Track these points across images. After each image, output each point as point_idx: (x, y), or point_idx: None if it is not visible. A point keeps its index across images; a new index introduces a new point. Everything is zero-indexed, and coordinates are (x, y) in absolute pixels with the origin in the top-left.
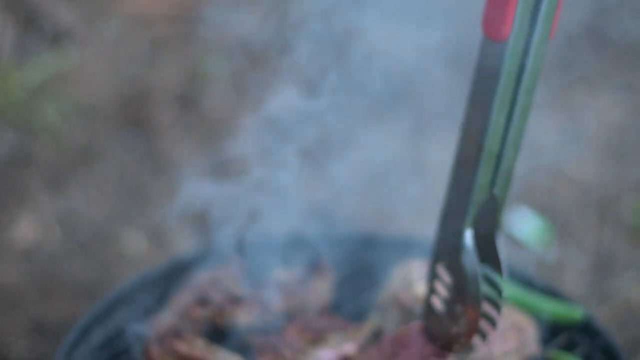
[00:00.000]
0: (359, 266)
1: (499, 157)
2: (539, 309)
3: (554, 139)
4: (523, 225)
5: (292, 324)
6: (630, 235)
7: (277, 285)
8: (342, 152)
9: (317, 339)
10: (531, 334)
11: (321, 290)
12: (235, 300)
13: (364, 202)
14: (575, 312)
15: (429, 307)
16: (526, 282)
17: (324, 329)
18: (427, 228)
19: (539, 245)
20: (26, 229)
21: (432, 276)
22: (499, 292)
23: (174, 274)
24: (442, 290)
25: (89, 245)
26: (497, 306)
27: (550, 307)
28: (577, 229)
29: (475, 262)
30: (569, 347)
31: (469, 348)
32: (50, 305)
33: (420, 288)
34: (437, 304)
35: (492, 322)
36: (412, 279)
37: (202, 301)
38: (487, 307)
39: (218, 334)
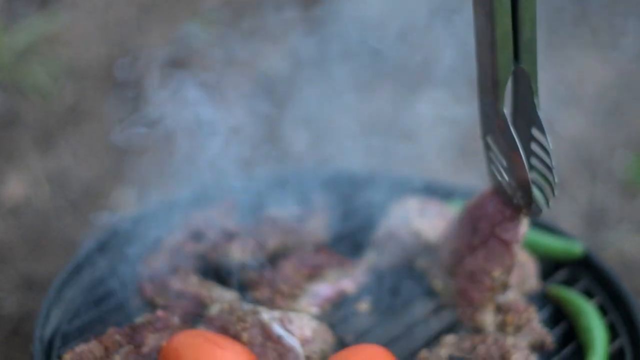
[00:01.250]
0: (355, 204)
1: (515, 33)
2: (539, 244)
3: (543, 97)
4: None
5: (288, 261)
6: (622, 189)
7: (272, 222)
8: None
9: (314, 274)
10: (531, 269)
11: (317, 227)
12: (230, 236)
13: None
14: (575, 248)
15: (493, 176)
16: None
17: (320, 265)
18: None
19: None
20: (16, 187)
21: (486, 147)
22: (547, 152)
23: (166, 215)
24: (497, 160)
25: (78, 202)
26: (549, 168)
27: (550, 243)
28: (569, 184)
29: (513, 135)
30: (569, 283)
31: (537, 209)
32: (40, 262)
33: (417, 224)
34: (497, 173)
35: (549, 184)
36: (410, 215)
37: (196, 237)
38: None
39: (212, 271)
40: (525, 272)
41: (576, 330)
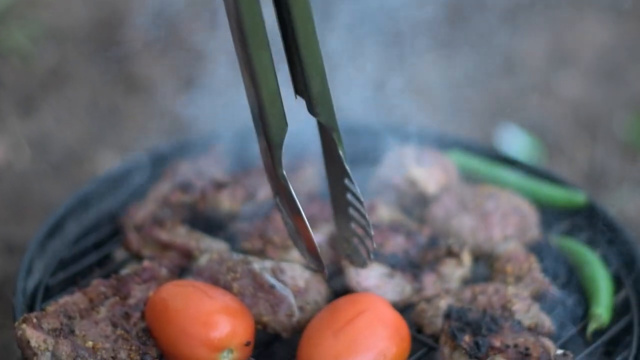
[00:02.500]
0: (350, 154)
1: (306, 87)
2: (541, 194)
3: (541, 59)
4: (512, 142)
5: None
6: (622, 151)
7: (263, 172)
8: None
9: None
10: (533, 218)
11: (310, 177)
12: (219, 186)
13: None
14: (578, 197)
15: (291, 237)
16: (526, 169)
17: (313, 215)
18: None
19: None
20: None
21: (278, 209)
22: (361, 203)
23: (152, 166)
24: (288, 222)
25: (60, 165)
26: (365, 219)
27: (552, 192)
28: (568, 146)
29: (294, 198)
30: (571, 233)
31: (362, 262)
32: (21, 225)
33: (413, 171)
34: (292, 235)
35: (368, 236)
36: (406, 164)
37: (184, 187)
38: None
39: (201, 222)
40: (526, 222)
41: (580, 281)
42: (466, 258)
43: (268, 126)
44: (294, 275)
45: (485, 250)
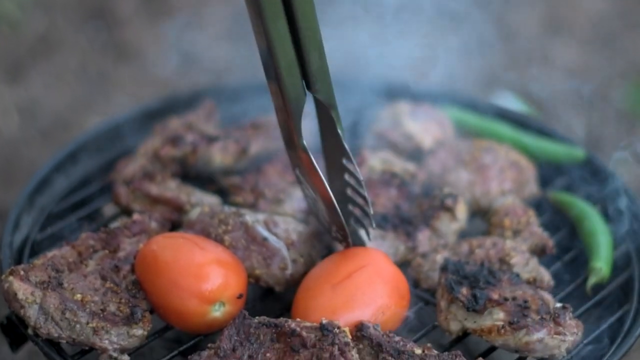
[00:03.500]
0: (346, 109)
1: (302, 64)
2: (539, 149)
3: (536, 27)
4: None
5: (272, 165)
6: (619, 119)
7: (255, 127)
8: None
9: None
10: (531, 173)
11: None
12: (210, 139)
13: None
14: (577, 152)
15: (310, 209)
16: (522, 124)
17: None
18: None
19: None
20: None
21: (298, 181)
22: (360, 183)
23: (142, 123)
24: (309, 193)
25: (48, 132)
26: (364, 199)
27: (551, 147)
28: (564, 114)
29: (316, 168)
30: (570, 189)
31: (361, 242)
32: (9, 192)
33: (409, 125)
34: (312, 206)
35: (367, 215)
36: (401, 118)
37: (174, 141)
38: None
39: (192, 177)
40: (524, 177)
41: (580, 235)
42: (460, 211)
43: (287, 96)
44: (287, 228)
45: (482, 205)
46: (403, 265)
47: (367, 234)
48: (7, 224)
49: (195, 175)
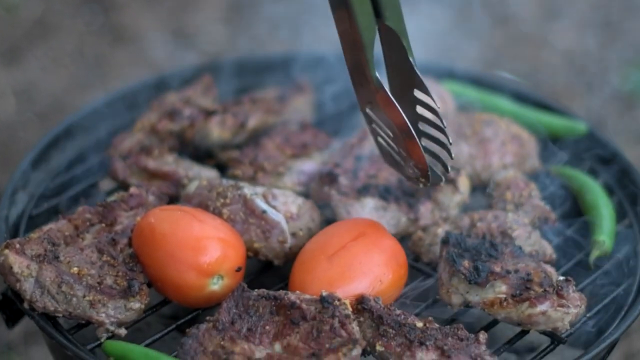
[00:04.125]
0: (345, 85)
1: None
2: (540, 123)
3: (535, 9)
4: None
5: (271, 139)
6: (619, 100)
7: (253, 100)
8: None
9: (298, 153)
10: (532, 147)
11: (302, 105)
12: (208, 113)
13: None
14: (579, 126)
15: (381, 148)
16: (523, 98)
17: (305, 144)
18: None
19: None
20: None
21: (368, 120)
22: (436, 114)
23: (138, 97)
24: (382, 131)
25: (45, 114)
26: (441, 130)
27: (552, 121)
28: (563, 96)
29: (393, 102)
30: (573, 163)
31: (437, 178)
32: (6, 174)
33: None
34: (385, 145)
35: (444, 147)
36: None
37: (171, 115)
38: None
39: (189, 151)
40: (525, 151)
41: (582, 209)
42: (463, 183)
43: (358, 25)
44: (286, 201)
45: (483, 179)
46: (403, 239)
47: (446, 167)
48: (2, 198)
49: (193, 150)
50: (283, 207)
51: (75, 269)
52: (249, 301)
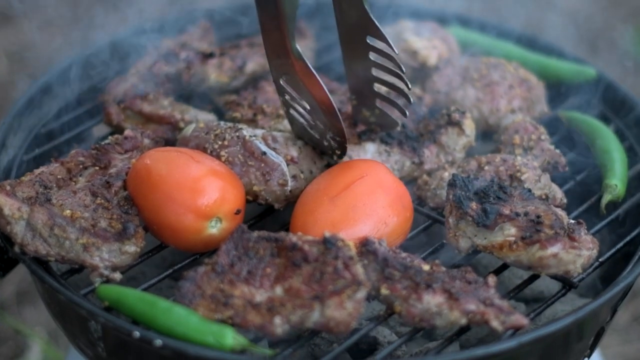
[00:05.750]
0: None
1: None
2: (549, 68)
3: None
4: None
5: (269, 82)
6: (625, 62)
7: (252, 45)
8: None
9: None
10: (541, 91)
11: (302, 50)
12: (204, 56)
13: None
14: (588, 70)
15: (293, 122)
16: (530, 44)
17: None
18: None
19: None
20: None
21: (281, 91)
22: (392, 59)
23: (135, 42)
24: (297, 102)
25: (38, 76)
26: (397, 75)
27: (561, 66)
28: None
29: (313, 72)
30: (582, 108)
31: (393, 123)
32: None
33: (413, 41)
34: (299, 118)
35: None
36: (404, 34)
37: (167, 57)
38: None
39: (186, 96)
40: (534, 95)
41: (593, 154)
42: (468, 125)
43: None
44: (287, 144)
45: (491, 124)
46: (408, 184)
47: (404, 111)
48: None
49: (190, 93)
50: (283, 149)
51: (68, 211)
52: (249, 243)
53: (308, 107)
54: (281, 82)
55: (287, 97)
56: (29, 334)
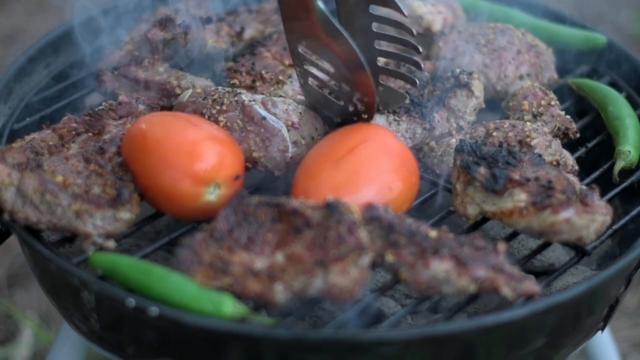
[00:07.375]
0: None
1: None
2: (558, 35)
3: None
4: None
5: (268, 49)
6: (630, 44)
7: (250, 10)
8: None
9: None
10: (549, 58)
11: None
12: (203, 21)
13: None
14: (598, 38)
15: (310, 92)
16: (537, 11)
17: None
18: None
19: None
20: None
21: (298, 60)
22: (401, 25)
23: (130, 10)
24: (318, 69)
25: None
26: (405, 42)
27: (570, 33)
28: None
29: (338, 28)
30: (592, 75)
31: (401, 97)
32: None
33: (417, 6)
34: (316, 88)
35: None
36: (409, 0)
37: (163, 22)
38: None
39: (183, 63)
40: (542, 61)
41: (605, 121)
42: (477, 86)
43: None
44: (287, 109)
45: (498, 90)
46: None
47: (413, 80)
48: None
49: (187, 59)
50: (284, 115)
51: (60, 177)
52: (249, 208)
53: (332, 71)
54: (299, 49)
55: (305, 66)
56: (20, 317)
